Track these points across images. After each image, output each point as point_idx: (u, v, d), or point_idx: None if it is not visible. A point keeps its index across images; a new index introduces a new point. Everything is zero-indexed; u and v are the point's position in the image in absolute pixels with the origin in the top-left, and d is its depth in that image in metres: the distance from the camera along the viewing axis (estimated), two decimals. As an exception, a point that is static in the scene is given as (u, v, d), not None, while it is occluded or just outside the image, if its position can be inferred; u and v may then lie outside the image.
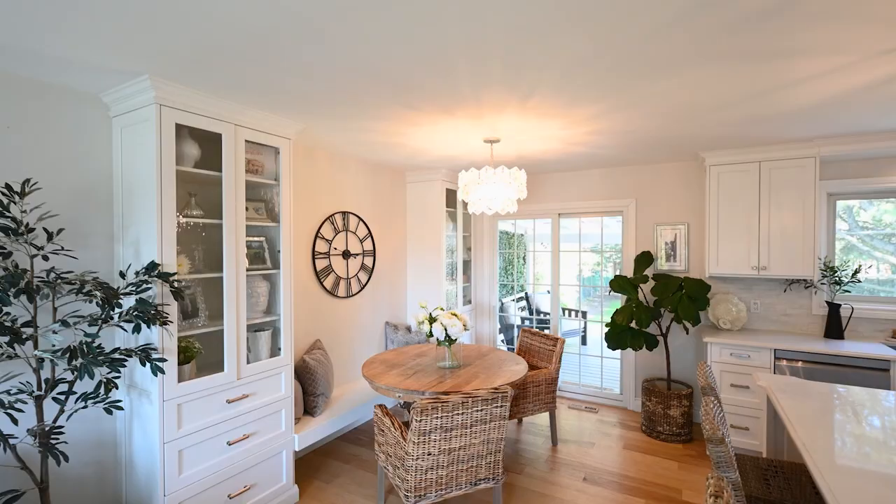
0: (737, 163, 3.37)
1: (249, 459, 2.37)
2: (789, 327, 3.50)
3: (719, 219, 3.45)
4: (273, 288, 2.62)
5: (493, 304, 4.88)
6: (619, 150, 3.44)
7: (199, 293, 2.35)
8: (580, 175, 4.35)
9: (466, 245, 4.85)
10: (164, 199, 2.00)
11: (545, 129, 2.79)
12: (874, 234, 3.43)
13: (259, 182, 2.51)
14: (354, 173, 3.77)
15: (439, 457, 2.13)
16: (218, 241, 2.36)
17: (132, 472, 2.14)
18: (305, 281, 3.30)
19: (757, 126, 2.73)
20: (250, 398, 2.38)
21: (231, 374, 2.27)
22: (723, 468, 1.25)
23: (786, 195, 3.22)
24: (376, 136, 2.96)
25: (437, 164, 4.00)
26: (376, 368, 2.90)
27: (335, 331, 3.57)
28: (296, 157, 3.21)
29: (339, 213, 3.61)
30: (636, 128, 2.77)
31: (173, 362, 2.02)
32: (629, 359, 4.13)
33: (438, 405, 2.06)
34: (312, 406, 2.95)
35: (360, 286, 3.83)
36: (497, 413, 2.21)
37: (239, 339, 2.31)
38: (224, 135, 2.24)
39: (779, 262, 3.25)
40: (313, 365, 2.97)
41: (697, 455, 3.25)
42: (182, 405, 2.07)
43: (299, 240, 3.25)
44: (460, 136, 2.96)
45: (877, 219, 3.43)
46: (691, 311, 3.33)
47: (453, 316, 2.94)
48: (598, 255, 13.05)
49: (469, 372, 2.84)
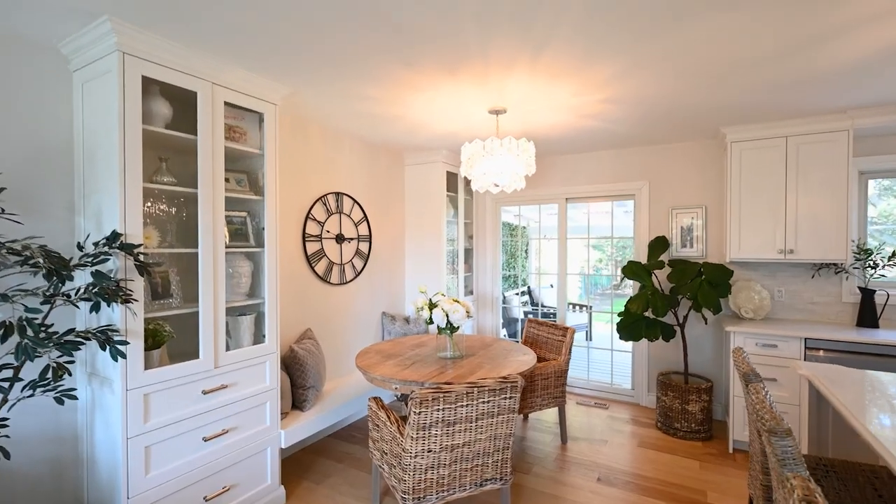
0: (761, 138, 3.12)
1: (229, 457, 2.13)
2: (817, 316, 3.26)
3: (741, 200, 3.20)
4: (257, 268, 2.38)
5: (495, 294, 4.64)
6: (633, 126, 3.19)
7: (173, 271, 2.11)
8: (589, 157, 4.10)
9: (468, 233, 4.60)
10: (129, 161, 1.75)
11: (555, 97, 2.55)
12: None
13: (241, 151, 2.27)
14: (349, 152, 3.53)
15: (441, 454, 1.89)
16: (193, 213, 2.12)
17: (94, 470, 1.90)
18: (295, 264, 3.06)
19: (785, 93, 2.48)
20: (230, 389, 2.14)
21: (207, 361, 2.03)
22: (790, 465, 1.01)
23: (815, 173, 2.97)
24: (373, 105, 2.72)
25: (438, 144, 3.75)
26: (371, 358, 2.66)
27: (328, 320, 3.32)
28: (286, 130, 2.97)
29: (333, 194, 3.36)
30: (653, 94, 2.52)
31: (139, 347, 1.78)
32: (641, 352, 3.88)
33: (440, 396, 1.82)
34: (301, 400, 2.70)
35: (355, 273, 3.58)
36: (506, 405, 1.97)
37: (217, 323, 2.07)
38: (200, 93, 2.00)
39: (807, 245, 3.01)
40: (303, 355, 2.72)
41: (719, 454, 3.00)
42: (150, 395, 1.83)
43: (288, 220, 3.01)
44: (463, 107, 2.72)
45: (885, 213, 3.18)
46: (712, 298, 3.09)
47: (455, 302, 2.70)
48: (601, 251, 12.84)
49: (472, 362, 2.60)
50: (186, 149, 2.10)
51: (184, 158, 2.21)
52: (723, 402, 3.51)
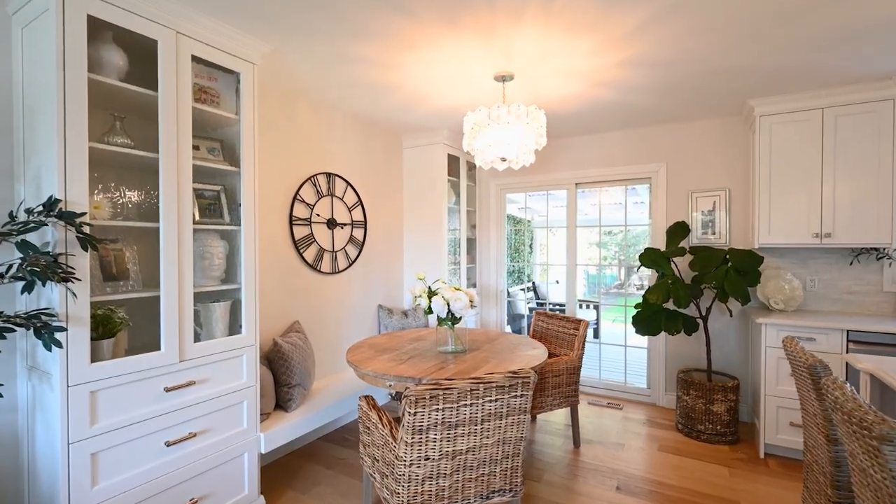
0: (794, 111, 2.83)
1: (198, 464, 1.85)
2: (854, 307, 2.96)
3: (771, 180, 2.91)
4: (233, 250, 2.10)
5: (500, 287, 4.36)
6: (651, 97, 2.91)
7: (132, 249, 1.83)
8: (601, 139, 3.81)
9: (471, 222, 4.32)
10: (70, 115, 1.48)
11: (568, 58, 2.27)
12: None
13: (214, 115, 1.99)
14: (342, 129, 3.25)
15: (440, 462, 1.61)
16: (156, 183, 1.85)
17: (35, 481, 1.62)
18: (281, 249, 2.78)
19: (823, 55, 2.20)
20: (199, 386, 1.86)
21: (171, 353, 1.75)
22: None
23: (855, 148, 2.68)
24: (367, 71, 2.44)
25: (438, 123, 3.48)
26: (364, 353, 2.38)
27: (318, 312, 3.05)
28: (272, 104, 2.69)
29: (324, 175, 3.08)
30: (677, 55, 2.24)
31: (83, 335, 1.51)
32: (658, 348, 3.59)
33: (439, 393, 1.54)
34: (286, 399, 2.43)
35: (349, 262, 3.31)
36: (517, 404, 1.68)
37: (182, 310, 1.79)
38: (160, 42, 1.72)
39: (846, 228, 2.72)
40: (288, 349, 2.45)
41: (749, 459, 2.71)
42: (98, 393, 1.55)
43: (273, 200, 2.73)
44: (466, 72, 2.44)
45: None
46: (740, 287, 2.80)
47: (457, 290, 2.42)
48: (606, 249, 12.52)
49: (476, 357, 2.32)
50: (147, 108, 1.82)
51: (144, 120, 1.94)
52: (749, 401, 3.22)
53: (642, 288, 13.03)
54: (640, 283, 12.86)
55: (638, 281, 12.76)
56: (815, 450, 1.42)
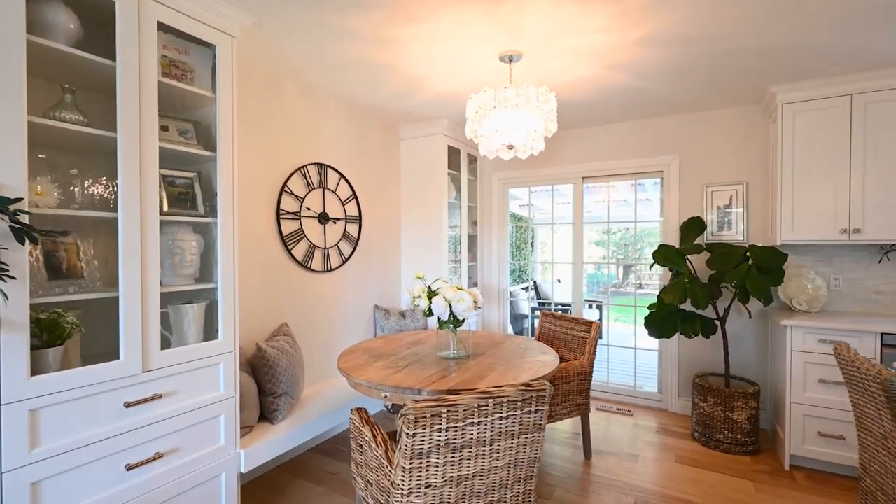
0: (819, 98, 2.63)
1: (166, 489, 1.62)
2: (882, 307, 2.77)
3: (794, 172, 2.72)
4: (209, 245, 1.87)
5: (502, 287, 4.14)
6: (666, 83, 2.70)
7: (88, 243, 1.60)
8: (609, 130, 3.61)
9: (472, 218, 4.10)
10: (2, 81, 1.25)
11: (582, 33, 2.05)
12: None
13: (187, 92, 1.76)
14: (335, 117, 3.02)
15: (443, 490, 1.39)
16: (115, 167, 1.61)
17: (-30, 513, 1.39)
18: (267, 246, 2.55)
19: (854, 34, 2.00)
20: (167, 399, 1.63)
21: (132, 363, 1.52)
22: None
23: (888, 137, 2.49)
24: (360, 47, 2.21)
25: (438, 112, 3.25)
26: (357, 359, 2.16)
27: (308, 313, 2.82)
28: (257, 88, 2.46)
29: (314, 165, 2.85)
30: (697, 33, 2.03)
31: (19, 343, 1.27)
32: (670, 351, 3.39)
33: (442, 411, 1.32)
34: (271, 409, 2.20)
35: (342, 260, 3.08)
36: (530, 421, 1.47)
37: (146, 313, 1.56)
38: (119, 5, 1.49)
39: (878, 224, 2.52)
40: (273, 355, 2.22)
41: (773, 472, 2.51)
42: (40, 411, 1.32)
43: (259, 191, 2.50)
44: (469, 50, 2.22)
45: None
46: (763, 287, 2.60)
47: (459, 290, 2.20)
48: (603, 248, 12.35)
49: (481, 364, 2.10)
50: (107, 82, 1.59)
51: (105, 96, 1.70)
52: (769, 409, 3.02)
53: (640, 287, 12.95)
54: (637, 283, 12.76)
55: (636, 280, 12.66)
56: (883, 476, 1.21)
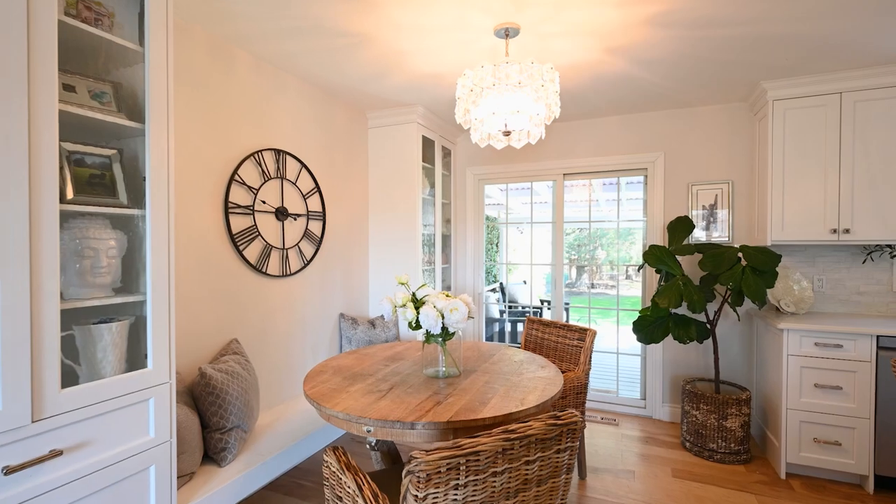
0: (810, 95, 2.58)
1: (70, 577, 1.18)
2: (863, 308, 2.77)
3: (785, 171, 2.65)
4: (134, 244, 1.44)
5: (477, 290, 3.87)
6: (661, 72, 2.54)
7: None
8: (593, 125, 3.44)
9: (445, 216, 3.80)
10: None
11: (592, 4, 1.81)
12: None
13: (103, 41, 1.33)
14: (296, 97, 2.61)
15: (458, 560, 1.07)
16: None
17: None
18: (211, 245, 2.11)
19: (852, 24, 1.91)
20: (71, 455, 1.20)
21: (15, 411, 1.08)
22: None
23: (877, 136, 2.47)
24: (327, 7, 1.84)
25: (412, 97, 2.92)
26: (327, 382, 1.79)
27: (263, 326, 2.39)
28: (200, 49, 2.02)
29: (271, 151, 2.43)
30: (710, 13, 1.86)
31: None
32: (654, 355, 3.27)
33: (460, 461, 1.01)
34: (219, 448, 1.77)
35: (304, 262, 2.67)
36: (561, 462, 1.19)
37: (38, 339, 1.12)
38: None
39: (867, 223, 2.50)
40: (221, 381, 1.80)
41: (770, 481, 2.41)
42: None
43: (203, 178, 2.06)
44: (463, 19, 1.91)
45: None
46: (758, 289, 2.50)
47: (449, 297, 1.89)
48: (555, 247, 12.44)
49: (476, 383, 1.80)
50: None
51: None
52: (758, 414, 2.95)
53: (593, 287, 13.27)
54: (589, 283, 13.13)
55: (588, 280, 13.04)
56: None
